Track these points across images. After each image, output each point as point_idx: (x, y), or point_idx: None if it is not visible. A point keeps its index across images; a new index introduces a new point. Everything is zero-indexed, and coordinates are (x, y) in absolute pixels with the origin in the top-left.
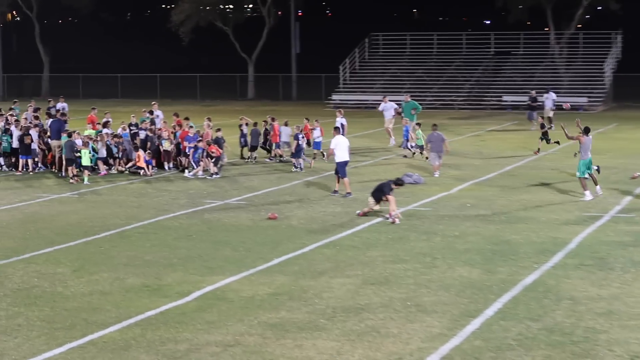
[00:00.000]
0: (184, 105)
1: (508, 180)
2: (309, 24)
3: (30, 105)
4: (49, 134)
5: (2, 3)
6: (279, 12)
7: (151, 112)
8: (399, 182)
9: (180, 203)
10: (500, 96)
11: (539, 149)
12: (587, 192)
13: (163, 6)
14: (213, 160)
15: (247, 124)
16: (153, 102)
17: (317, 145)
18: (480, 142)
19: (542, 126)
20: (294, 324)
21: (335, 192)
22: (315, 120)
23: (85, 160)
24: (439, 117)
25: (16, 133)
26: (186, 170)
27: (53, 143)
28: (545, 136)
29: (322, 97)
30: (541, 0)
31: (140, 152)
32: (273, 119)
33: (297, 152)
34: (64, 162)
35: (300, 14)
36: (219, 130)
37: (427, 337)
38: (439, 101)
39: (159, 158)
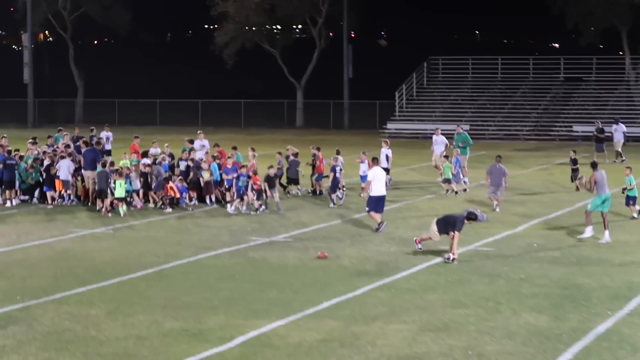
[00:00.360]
0: (228, 133)
1: (579, 218)
2: (362, 47)
3: (66, 134)
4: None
5: (34, 23)
6: (331, 34)
7: (191, 141)
8: (471, 217)
9: (222, 240)
10: (571, 126)
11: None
12: (589, 228)
13: (206, 26)
14: (256, 195)
15: (293, 155)
16: (199, 131)
17: (363, 180)
18: (548, 176)
19: (574, 162)
20: None
21: (380, 226)
22: (363, 153)
23: (119, 192)
24: (503, 148)
25: (64, 164)
26: (228, 205)
27: (87, 174)
28: (574, 173)
29: (376, 125)
30: (616, 22)
31: (171, 183)
32: (318, 149)
33: (333, 186)
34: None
35: (353, 35)
36: (270, 167)
37: None
38: (503, 131)
39: (200, 191)
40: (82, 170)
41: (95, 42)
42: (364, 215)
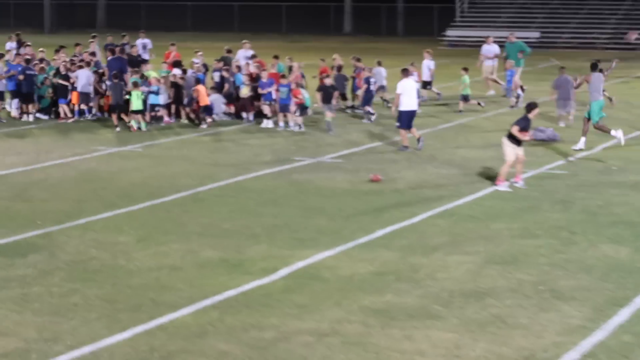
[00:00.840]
0: (267, 40)
1: None
2: None
3: (92, 41)
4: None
5: None
6: None
7: (229, 51)
8: (531, 106)
9: (264, 160)
10: None
11: None
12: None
13: None
14: (299, 110)
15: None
16: (244, 41)
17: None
18: (629, 91)
19: None
20: (402, 311)
21: (419, 142)
22: (411, 64)
23: (136, 105)
24: (578, 58)
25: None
26: (265, 120)
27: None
28: None
29: (434, 32)
30: None
31: (200, 87)
32: (358, 59)
33: (365, 100)
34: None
35: None
36: (326, 76)
37: (564, 330)
38: (577, 39)
39: (237, 106)
40: (107, 82)
41: None
42: (423, 132)
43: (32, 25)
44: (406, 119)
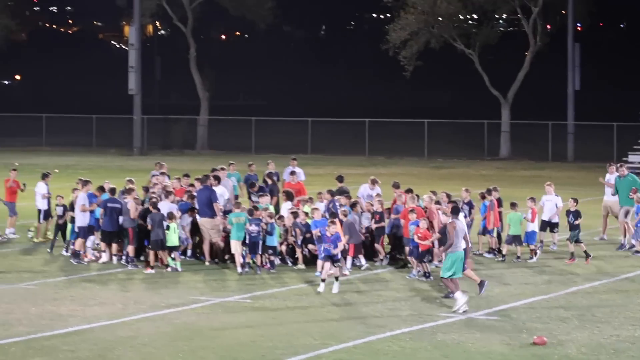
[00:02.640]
0: (404, 166)
1: None
2: (593, 47)
3: (163, 172)
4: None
5: (143, 11)
6: (548, 26)
7: (340, 179)
8: None
9: (401, 316)
10: None
11: None
12: None
13: (374, 15)
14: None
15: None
16: (372, 177)
17: (530, 238)
18: None
19: None
20: None
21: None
22: (530, 199)
23: (172, 240)
24: None
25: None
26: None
27: (201, 222)
28: None
29: (613, 156)
30: None
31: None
32: (494, 190)
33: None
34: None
35: (579, 29)
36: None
37: None
38: None
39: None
40: (197, 217)
41: (224, 37)
42: (598, 283)
43: (119, 144)
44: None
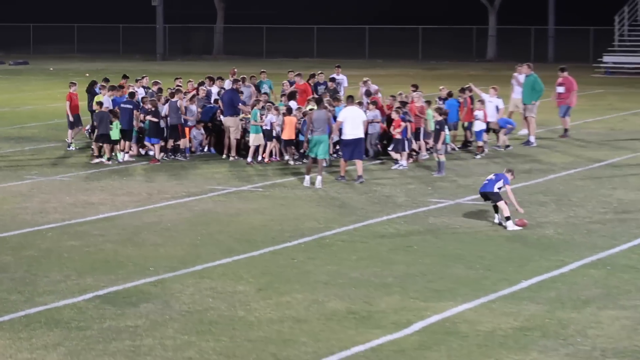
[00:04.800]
0: (400, 67)
1: None
2: None
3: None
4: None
5: None
6: None
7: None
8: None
9: (396, 202)
10: None
11: None
12: None
13: None
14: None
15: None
16: (365, 78)
17: (478, 136)
18: None
19: None
20: None
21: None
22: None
23: (114, 134)
24: None
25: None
26: (402, 159)
27: (225, 120)
28: None
29: (589, 58)
30: None
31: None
32: (467, 89)
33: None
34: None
35: None
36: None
37: None
38: None
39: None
40: (221, 117)
41: None
42: (573, 172)
43: (143, 50)
44: (343, 147)
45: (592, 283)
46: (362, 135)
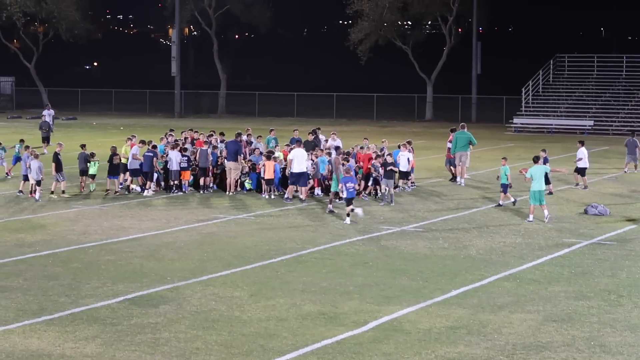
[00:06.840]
0: (360, 125)
1: None
2: (490, 41)
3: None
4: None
5: (181, 19)
6: (460, 30)
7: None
8: None
9: (356, 228)
10: None
11: None
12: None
13: (340, 22)
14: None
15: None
16: (332, 132)
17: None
18: None
19: None
20: None
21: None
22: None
23: (92, 170)
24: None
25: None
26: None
27: (228, 164)
28: None
29: (502, 120)
30: None
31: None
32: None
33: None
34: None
35: (481, 31)
36: (378, 156)
37: None
38: (627, 127)
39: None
40: (225, 161)
41: (237, 37)
42: (491, 207)
43: (164, 110)
44: (295, 178)
45: (505, 292)
46: (304, 170)
